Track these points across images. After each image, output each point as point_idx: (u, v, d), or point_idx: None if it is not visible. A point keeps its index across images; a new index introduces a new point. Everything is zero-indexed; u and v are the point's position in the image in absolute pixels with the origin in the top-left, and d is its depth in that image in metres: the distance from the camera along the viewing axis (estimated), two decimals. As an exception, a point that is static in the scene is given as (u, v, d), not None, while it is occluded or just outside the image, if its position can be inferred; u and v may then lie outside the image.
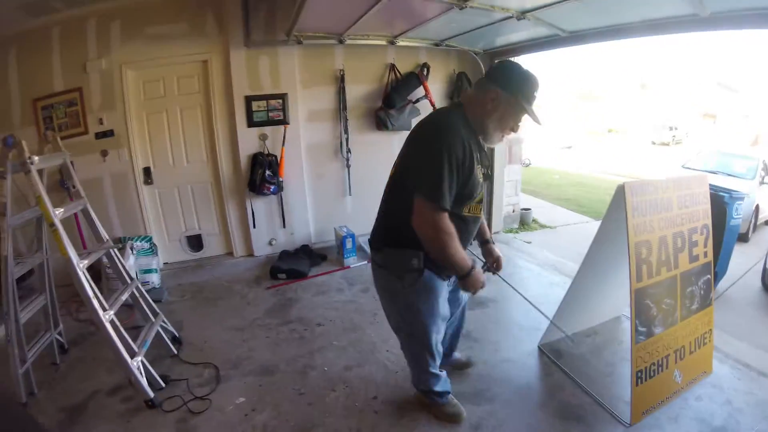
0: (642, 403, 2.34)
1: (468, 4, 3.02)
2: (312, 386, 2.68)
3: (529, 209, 6.40)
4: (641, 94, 31.87)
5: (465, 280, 1.86)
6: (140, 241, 4.26)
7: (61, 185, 3.99)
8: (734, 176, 6.86)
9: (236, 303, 3.88)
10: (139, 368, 2.54)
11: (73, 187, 2.93)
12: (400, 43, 4.44)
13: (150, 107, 4.29)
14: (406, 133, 4.67)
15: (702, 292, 2.65)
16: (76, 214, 3.99)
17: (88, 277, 2.50)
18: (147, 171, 4.38)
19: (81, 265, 2.48)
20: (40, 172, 2.60)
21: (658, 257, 2.37)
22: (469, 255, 1.90)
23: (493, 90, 1.79)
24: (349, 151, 4.84)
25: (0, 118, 3.94)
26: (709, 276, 2.68)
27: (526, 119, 1.89)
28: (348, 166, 4.90)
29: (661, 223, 2.38)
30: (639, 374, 2.30)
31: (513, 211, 5.74)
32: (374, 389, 2.63)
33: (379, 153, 4.92)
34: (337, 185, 4.96)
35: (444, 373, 2.37)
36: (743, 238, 6.25)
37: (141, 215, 4.41)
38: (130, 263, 3.92)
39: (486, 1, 3.09)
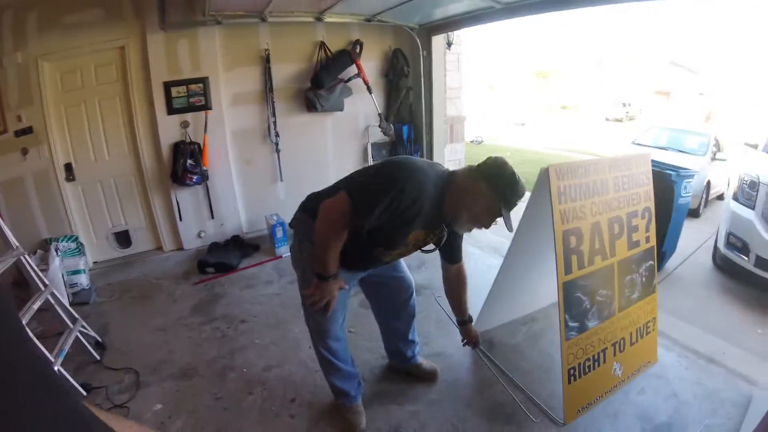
0: (576, 401, 2.27)
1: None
2: (230, 390, 2.69)
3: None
4: (596, 71, 32.09)
5: (320, 282, 1.89)
6: (66, 242, 4.24)
7: None
8: (685, 152, 6.95)
9: (162, 301, 3.88)
10: None
11: None
12: (328, 19, 4.43)
13: (68, 100, 4.22)
14: (338, 114, 4.84)
15: (644, 279, 2.55)
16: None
17: None
18: (68, 167, 4.32)
19: None
20: None
21: (591, 246, 2.25)
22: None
23: (479, 184, 1.80)
24: (277, 135, 4.79)
25: None
26: (651, 262, 2.59)
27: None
28: (278, 151, 4.86)
29: (594, 208, 2.25)
30: (571, 371, 2.24)
31: (458, 190, 5.72)
32: (293, 391, 2.63)
33: (310, 135, 4.98)
34: (267, 171, 4.93)
35: (352, 371, 2.35)
36: (694, 213, 6.33)
37: (66, 214, 4.35)
38: (56, 265, 3.85)
39: None
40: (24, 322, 2.55)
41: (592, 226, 2.24)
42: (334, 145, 5.13)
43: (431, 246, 2.02)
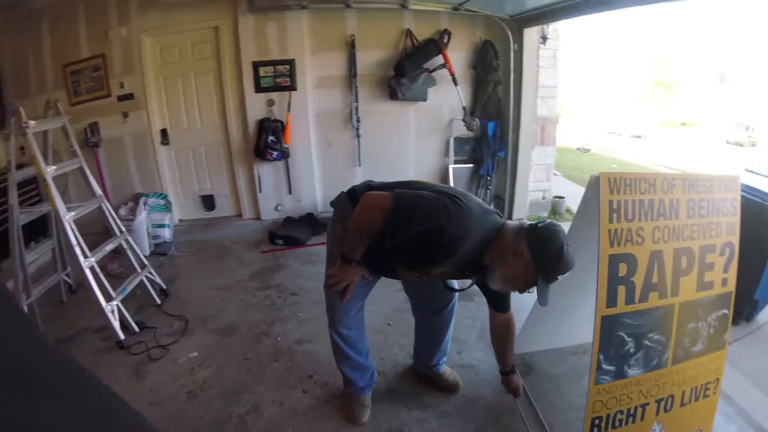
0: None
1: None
2: (259, 353, 2.84)
3: (563, 197, 5.84)
4: (719, 87, 27.71)
5: (343, 264, 1.85)
6: (155, 198, 4.73)
7: (86, 143, 4.52)
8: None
9: (230, 263, 4.21)
10: (113, 311, 2.96)
11: (71, 147, 3.30)
12: (414, 6, 4.35)
13: (166, 72, 4.70)
14: (421, 104, 4.75)
15: (712, 330, 2.08)
16: (99, 169, 4.48)
17: (74, 226, 2.94)
18: (164, 132, 4.83)
19: (67, 217, 2.92)
20: (44, 133, 3.15)
21: (647, 279, 1.88)
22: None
23: (522, 248, 1.65)
24: (359, 120, 4.83)
25: (37, 82, 4.62)
26: (726, 311, 2.11)
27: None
28: (358, 136, 4.89)
29: (657, 234, 1.88)
30: (596, 422, 1.91)
31: (543, 198, 5.32)
32: (314, 368, 2.69)
33: (392, 123, 4.95)
34: (347, 155, 4.99)
35: (363, 363, 2.30)
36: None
37: (157, 174, 4.89)
38: (142, 217, 4.38)
39: None
40: (95, 259, 2.98)
41: (652, 254, 1.87)
42: (416, 135, 5.03)
43: (460, 283, 1.92)
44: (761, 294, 3.25)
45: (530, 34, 4.63)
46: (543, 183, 5.30)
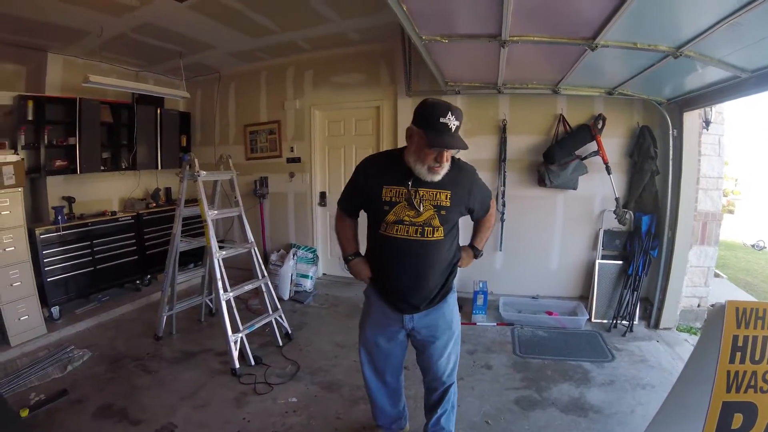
0: None
1: (598, 42, 2.76)
2: (351, 417, 2.94)
3: (722, 307, 5.09)
4: None
5: (346, 263, 2.39)
6: (304, 250, 5.24)
7: (254, 193, 5.33)
8: None
9: (355, 323, 4.23)
10: (236, 342, 3.41)
11: (235, 198, 3.94)
12: (566, 91, 4.31)
13: (331, 142, 5.37)
14: (571, 193, 4.77)
15: None
16: (262, 217, 5.22)
17: (221, 263, 3.51)
18: (323, 195, 5.46)
19: (218, 255, 3.50)
20: (214, 183, 3.93)
21: None
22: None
23: (409, 128, 2.03)
24: (504, 204, 4.81)
25: (220, 135, 5.71)
26: None
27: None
28: (502, 220, 4.85)
29: None
30: None
31: (698, 306, 4.68)
32: None
33: (538, 210, 4.85)
34: (489, 239, 4.92)
35: (386, 411, 2.59)
36: None
37: (311, 230, 5.50)
38: (290, 265, 4.95)
39: (623, 38, 2.75)
40: (233, 294, 3.48)
41: None
42: (562, 224, 4.86)
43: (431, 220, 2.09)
44: None
45: (691, 118, 4.22)
46: (699, 288, 4.68)
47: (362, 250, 2.39)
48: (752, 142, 15.74)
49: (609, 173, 4.44)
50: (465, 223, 2.35)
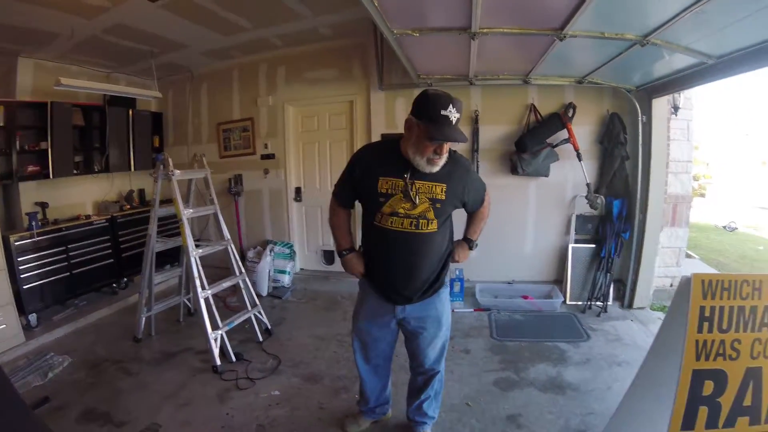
0: None
1: (566, 32, 2.82)
2: (334, 406, 2.99)
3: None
4: None
5: (342, 260, 2.38)
6: (281, 246, 5.28)
7: (229, 191, 5.34)
8: None
9: (335, 316, 4.50)
10: (216, 339, 3.43)
11: (209, 196, 3.95)
12: (536, 81, 4.40)
13: (305, 138, 5.39)
14: (543, 180, 4.85)
15: None
16: (237, 215, 5.23)
17: (198, 262, 3.52)
18: (298, 190, 5.47)
19: (194, 253, 3.51)
20: (188, 182, 3.91)
21: (737, 401, 1.68)
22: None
23: (408, 119, 2.00)
24: (478, 194, 4.88)
25: (194, 134, 5.68)
26: None
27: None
28: (477, 210, 4.92)
29: (757, 347, 1.67)
30: None
31: (671, 285, 4.86)
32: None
33: (511, 199, 4.94)
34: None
35: (371, 395, 2.63)
36: None
37: (287, 225, 5.51)
38: (266, 261, 4.98)
39: (591, 27, 2.81)
40: (211, 292, 3.50)
41: (747, 372, 1.65)
42: (535, 211, 4.98)
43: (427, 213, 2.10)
44: None
45: (659, 104, 4.38)
46: (672, 269, 4.85)
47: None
48: (721, 127, 16.17)
49: (580, 160, 4.56)
50: (458, 217, 2.40)
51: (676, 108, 4.55)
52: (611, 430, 2.42)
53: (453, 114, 1.87)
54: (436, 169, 2.02)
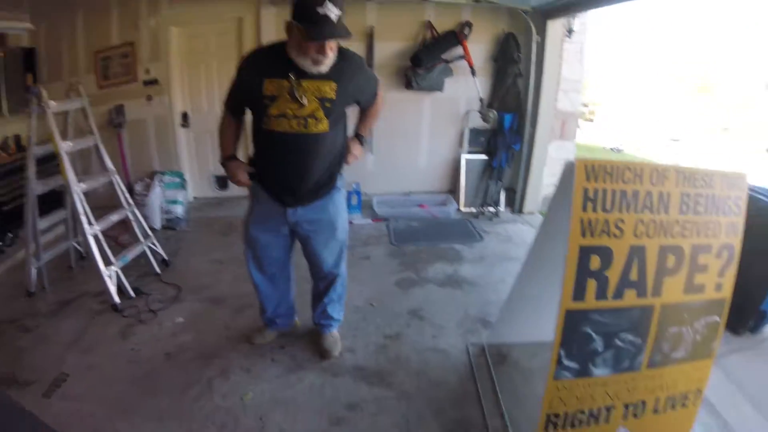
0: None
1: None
2: (239, 324, 2.97)
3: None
4: (765, 94, 25.99)
5: (224, 167, 2.32)
6: (171, 176, 4.91)
7: (111, 124, 4.82)
8: None
9: (233, 240, 4.25)
10: (111, 276, 3.16)
11: (89, 127, 3.53)
12: None
13: (190, 59, 4.96)
14: (438, 95, 4.82)
15: (698, 337, 1.92)
16: (121, 148, 4.75)
17: (83, 197, 3.17)
18: (185, 116, 5.07)
19: (77, 188, 3.16)
20: (65, 113, 3.42)
21: (623, 275, 1.75)
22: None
23: (287, 21, 1.90)
24: (372, 107, 4.85)
25: (70, 66, 4.97)
26: (717, 318, 1.93)
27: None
28: (370, 123, 4.91)
29: (640, 228, 1.74)
30: (552, 418, 1.82)
31: (557, 194, 5.22)
32: (288, 340, 2.80)
33: (406, 113, 4.98)
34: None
35: (269, 304, 2.62)
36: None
37: (175, 154, 5.14)
38: (156, 192, 4.61)
39: None
40: (100, 228, 3.19)
41: (632, 249, 1.72)
42: (430, 125, 5.10)
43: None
44: (770, 305, 3.04)
45: (554, 26, 4.55)
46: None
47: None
48: (612, 54, 17.41)
49: (474, 76, 4.67)
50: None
51: (570, 31, 4.73)
52: (506, 313, 2.56)
53: (331, 11, 1.77)
54: (323, 68, 1.93)
